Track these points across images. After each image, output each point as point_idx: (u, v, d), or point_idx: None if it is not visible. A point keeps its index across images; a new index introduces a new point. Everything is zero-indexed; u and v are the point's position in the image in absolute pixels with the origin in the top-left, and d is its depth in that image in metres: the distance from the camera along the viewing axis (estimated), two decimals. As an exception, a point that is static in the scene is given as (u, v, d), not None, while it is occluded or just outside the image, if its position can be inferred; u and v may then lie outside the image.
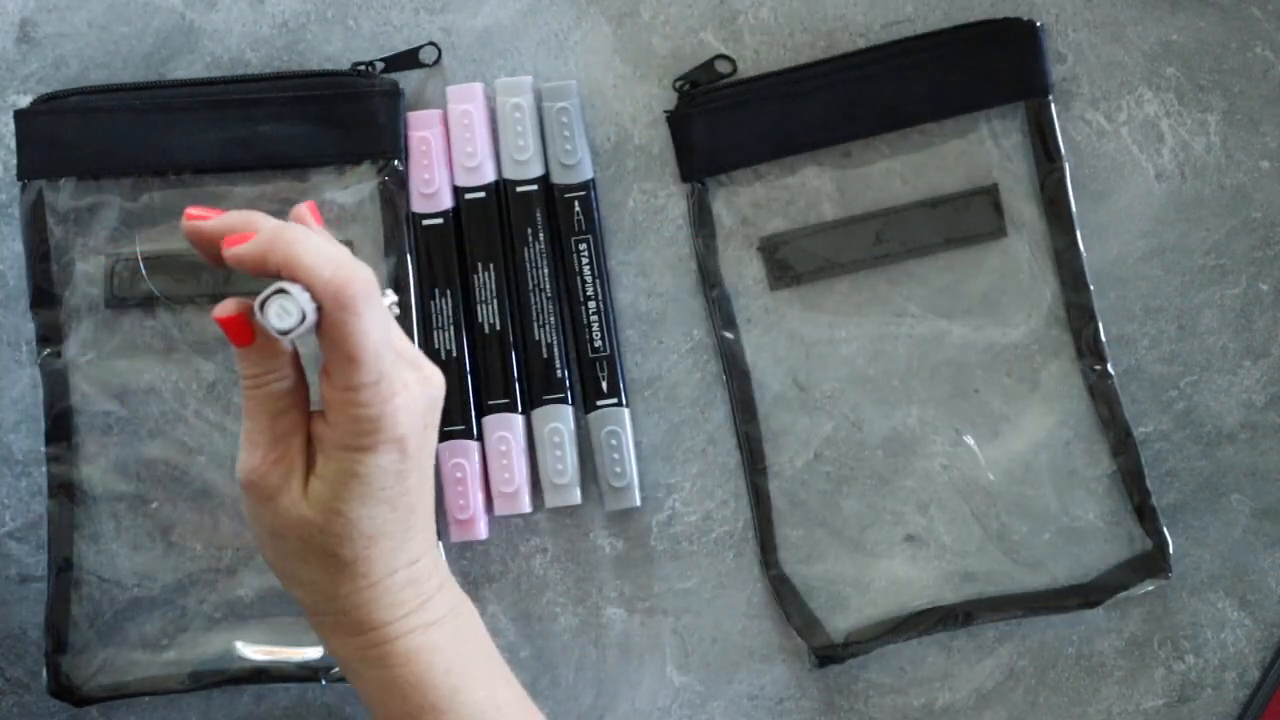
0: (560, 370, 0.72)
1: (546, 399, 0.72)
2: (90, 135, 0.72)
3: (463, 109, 0.72)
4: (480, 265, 0.72)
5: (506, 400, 0.72)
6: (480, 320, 0.73)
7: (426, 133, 0.72)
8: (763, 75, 0.73)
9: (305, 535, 0.57)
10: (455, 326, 0.72)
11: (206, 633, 0.73)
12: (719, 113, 0.72)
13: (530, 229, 0.72)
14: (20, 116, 0.73)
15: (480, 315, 0.73)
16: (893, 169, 0.73)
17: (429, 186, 0.72)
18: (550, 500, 0.72)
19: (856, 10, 0.73)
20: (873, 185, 0.73)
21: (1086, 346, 0.72)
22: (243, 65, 0.74)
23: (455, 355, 0.72)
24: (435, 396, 0.59)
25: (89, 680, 0.73)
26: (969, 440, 0.73)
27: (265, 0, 0.74)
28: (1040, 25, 0.72)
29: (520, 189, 0.72)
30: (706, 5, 0.74)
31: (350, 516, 0.57)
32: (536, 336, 0.72)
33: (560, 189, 0.73)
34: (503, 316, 0.72)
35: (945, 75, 0.72)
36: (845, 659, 0.72)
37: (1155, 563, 0.71)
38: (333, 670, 0.72)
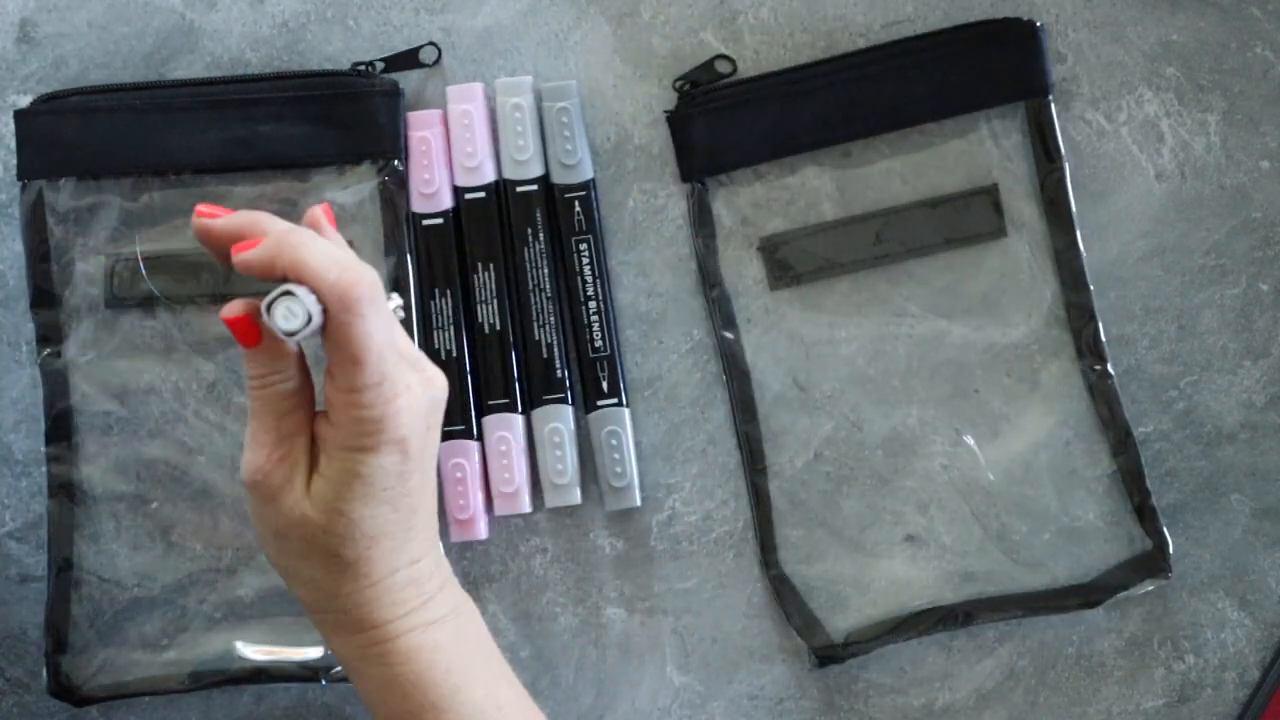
0: (560, 370, 0.72)
1: (546, 399, 0.72)
2: (90, 135, 0.72)
3: (463, 109, 0.72)
4: (480, 265, 0.72)
5: (506, 400, 0.72)
6: (480, 320, 0.73)
7: (426, 133, 0.72)
8: (763, 75, 0.73)
9: (308, 534, 0.58)
10: (455, 326, 0.72)
11: (206, 633, 0.73)
12: (719, 113, 0.72)
13: (530, 229, 0.72)
14: (20, 116, 0.73)
15: (480, 315, 0.73)
16: (893, 169, 0.73)
17: (429, 186, 0.72)
18: (550, 500, 0.72)
19: (856, 10, 0.73)
20: (873, 185, 0.73)
21: (1086, 346, 0.72)
22: (243, 65, 0.74)
23: (455, 355, 0.72)
24: (438, 398, 0.60)
25: (89, 680, 0.73)
26: (969, 440, 0.73)
27: (265, 0, 0.74)
28: (1040, 25, 0.72)
29: (520, 189, 0.72)
30: (706, 5, 0.74)
31: (352, 516, 0.57)
32: (536, 336, 0.72)
33: (560, 189, 0.73)
34: (503, 316, 0.72)
35: (945, 75, 0.72)
36: (845, 659, 0.72)
37: (1155, 563, 0.71)
38: (333, 670, 0.72)
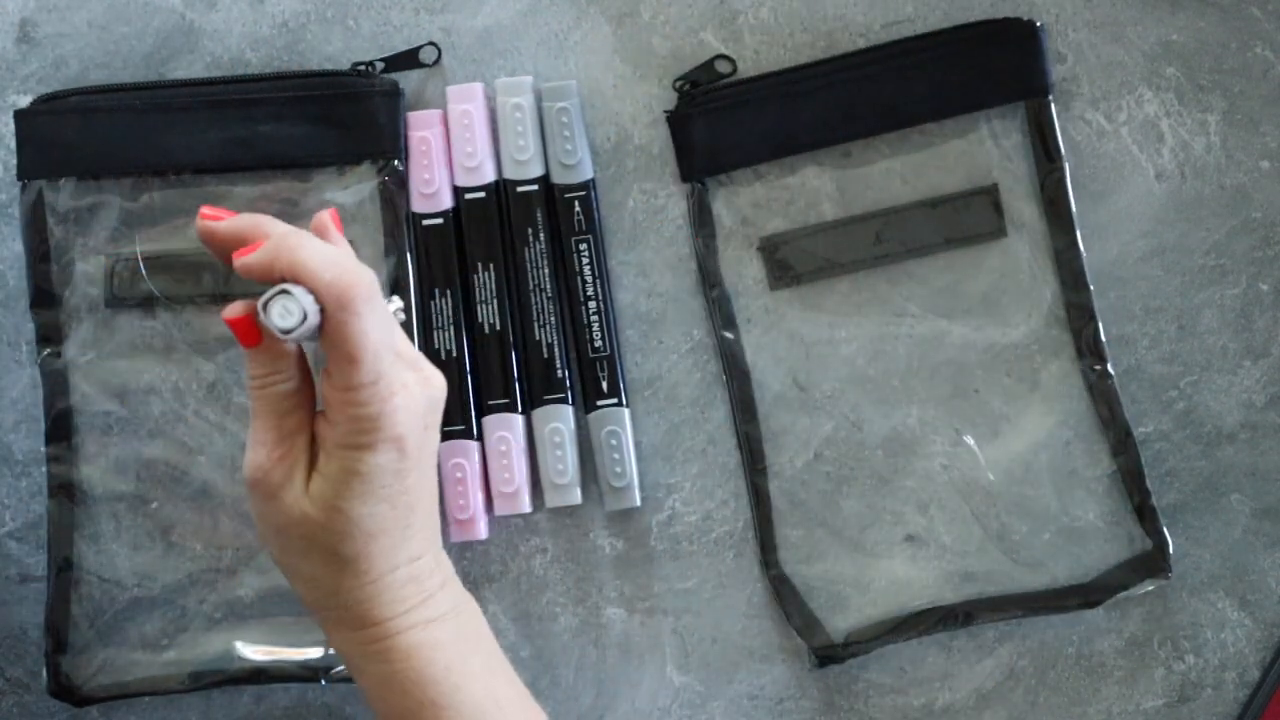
0: (560, 370, 0.72)
1: (547, 399, 0.72)
2: (90, 135, 0.72)
3: (463, 109, 0.72)
4: (480, 265, 0.72)
5: (506, 400, 0.72)
6: (480, 320, 0.73)
7: (426, 133, 0.72)
8: (763, 75, 0.73)
9: (307, 532, 0.58)
10: (455, 326, 0.72)
11: (206, 633, 0.73)
12: (719, 113, 0.72)
13: (530, 229, 0.72)
14: (20, 116, 0.73)
15: (480, 315, 0.73)
16: (893, 169, 0.73)
17: (429, 186, 0.72)
18: (550, 500, 0.72)
19: (856, 10, 0.73)
20: (873, 185, 0.73)
21: (1086, 346, 0.72)
22: (243, 65, 0.74)
23: (455, 355, 0.72)
24: (436, 398, 0.60)
25: (89, 680, 0.73)
26: (969, 440, 0.73)
27: (265, 0, 0.74)
28: (1040, 25, 0.72)
29: (520, 189, 0.72)
30: (706, 5, 0.74)
31: (350, 514, 0.57)
32: (537, 336, 0.72)
33: (560, 189, 0.73)
34: (503, 316, 0.72)
35: (945, 75, 0.72)
36: (845, 659, 0.72)
37: (1155, 563, 0.71)
38: (333, 670, 0.72)
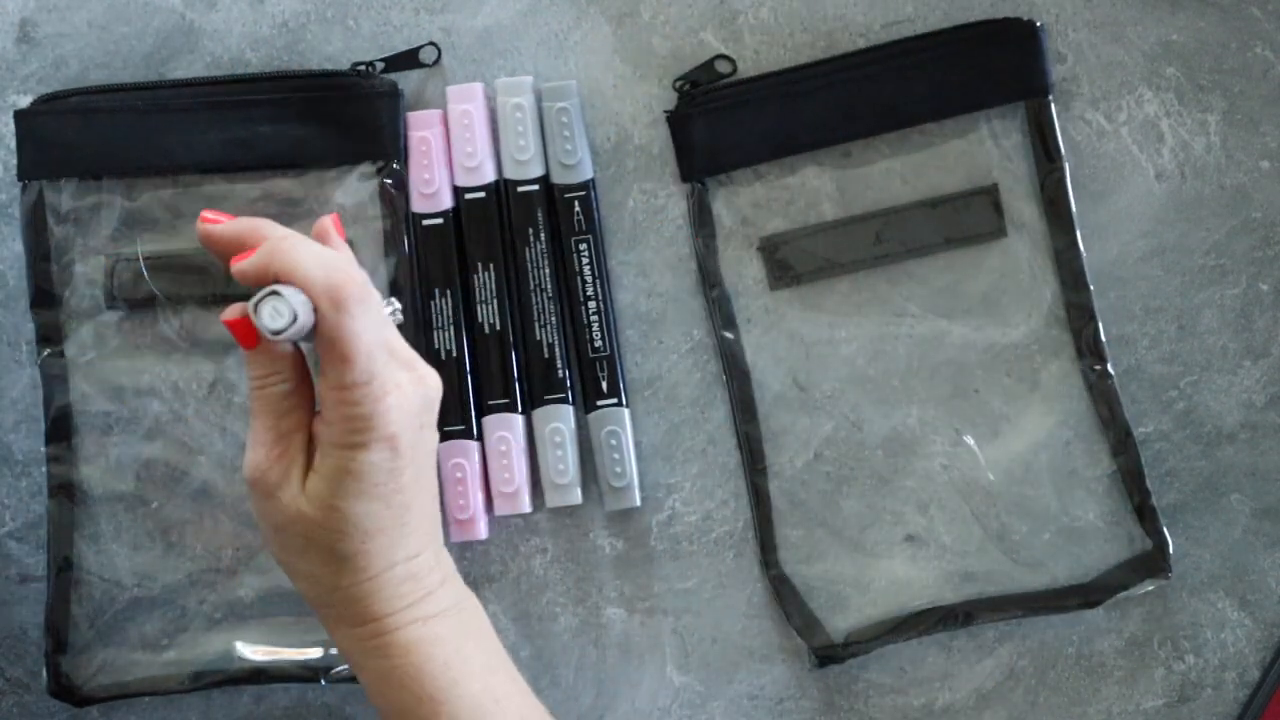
0: (560, 370, 0.72)
1: (547, 399, 0.72)
2: (91, 135, 0.72)
3: (463, 109, 0.72)
4: (480, 265, 0.72)
5: (506, 400, 0.72)
6: (480, 320, 0.73)
7: (426, 133, 0.72)
8: (763, 75, 0.73)
9: (305, 530, 0.59)
10: (455, 326, 0.72)
11: (206, 633, 0.73)
12: (719, 113, 0.72)
13: (530, 229, 0.72)
14: (20, 116, 0.73)
15: (480, 315, 0.73)
16: (893, 169, 0.73)
17: (429, 186, 0.72)
18: (550, 500, 0.72)
19: (856, 10, 0.73)
20: (873, 185, 0.73)
21: (1086, 346, 0.72)
22: (243, 65, 0.74)
23: (455, 355, 0.72)
24: (431, 398, 0.61)
25: (89, 680, 0.73)
26: (969, 440, 0.73)
27: (265, 0, 0.74)
28: (1040, 25, 0.72)
29: (520, 189, 0.72)
30: (706, 5, 0.74)
31: (346, 512, 0.58)
32: (537, 336, 0.72)
33: (560, 189, 0.73)
34: (503, 316, 0.72)
35: (945, 75, 0.72)
36: (845, 659, 0.72)
37: (1155, 563, 0.71)
38: (333, 670, 0.72)
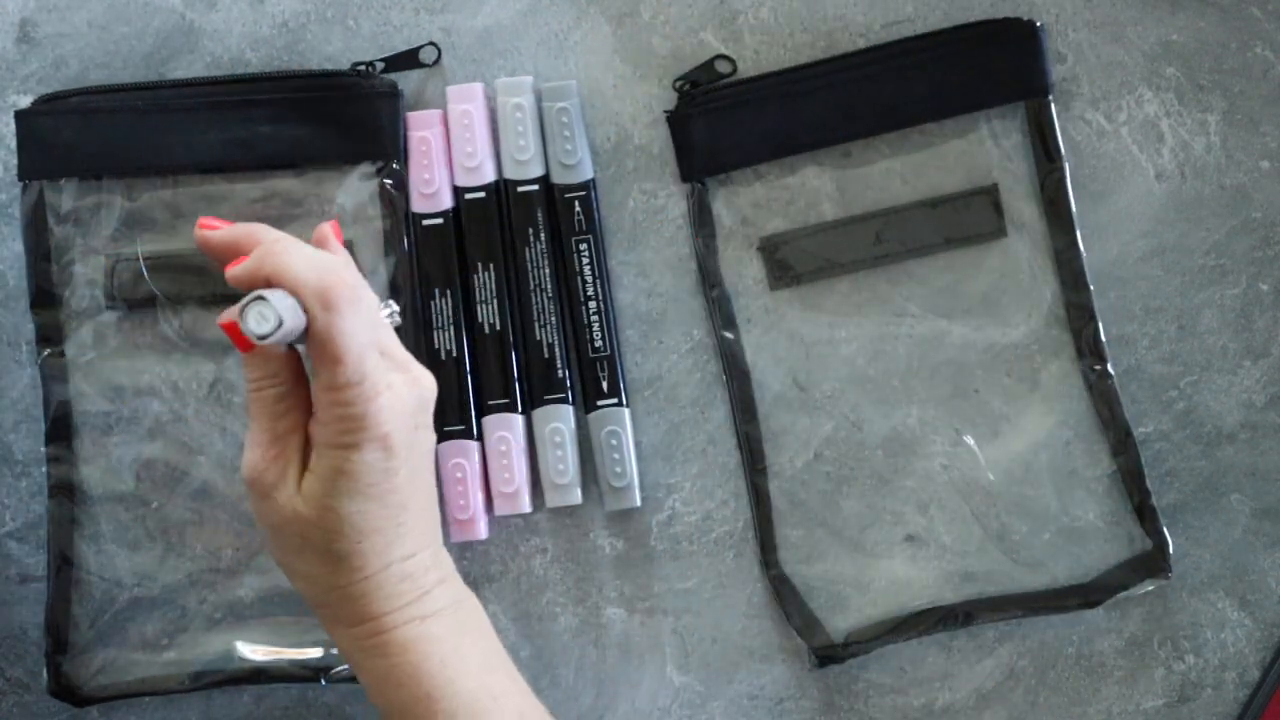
0: (561, 370, 0.72)
1: (547, 399, 0.72)
2: (91, 135, 0.72)
3: (463, 109, 0.72)
4: (480, 265, 0.72)
5: (506, 400, 0.72)
6: (480, 320, 0.73)
7: (426, 133, 0.72)
8: (763, 75, 0.73)
9: (301, 530, 0.59)
10: (455, 326, 0.72)
11: (206, 633, 0.73)
12: (719, 113, 0.72)
13: (531, 229, 0.72)
14: (20, 116, 0.73)
15: (480, 315, 0.73)
16: (893, 169, 0.73)
17: (429, 186, 0.72)
18: (550, 500, 0.72)
19: (856, 10, 0.73)
20: (873, 185, 0.73)
21: (1086, 346, 0.72)
22: (243, 65, 0.74)
23: (455, 355, 0.72)
24: (425, 399, 0.61)
25: (89, 680, 0.73)
26: (969, 440, 0.73)
27: (265, 0, 0.74)
28: (1040, 25, 0.72)
29: (521, 189, 0.72)
30: (706, 5, 0.74)
31: (341, 512, 0.58)
32: (537, 336, 0.72)
33: (560, 189, 0.73)
34: (503, 316, 0.72)
35: (945, 75, 0.72)
36: (845, 659, 0.72)
37: (1155, 563, 0.71)
38: (333, 670, 0.72)
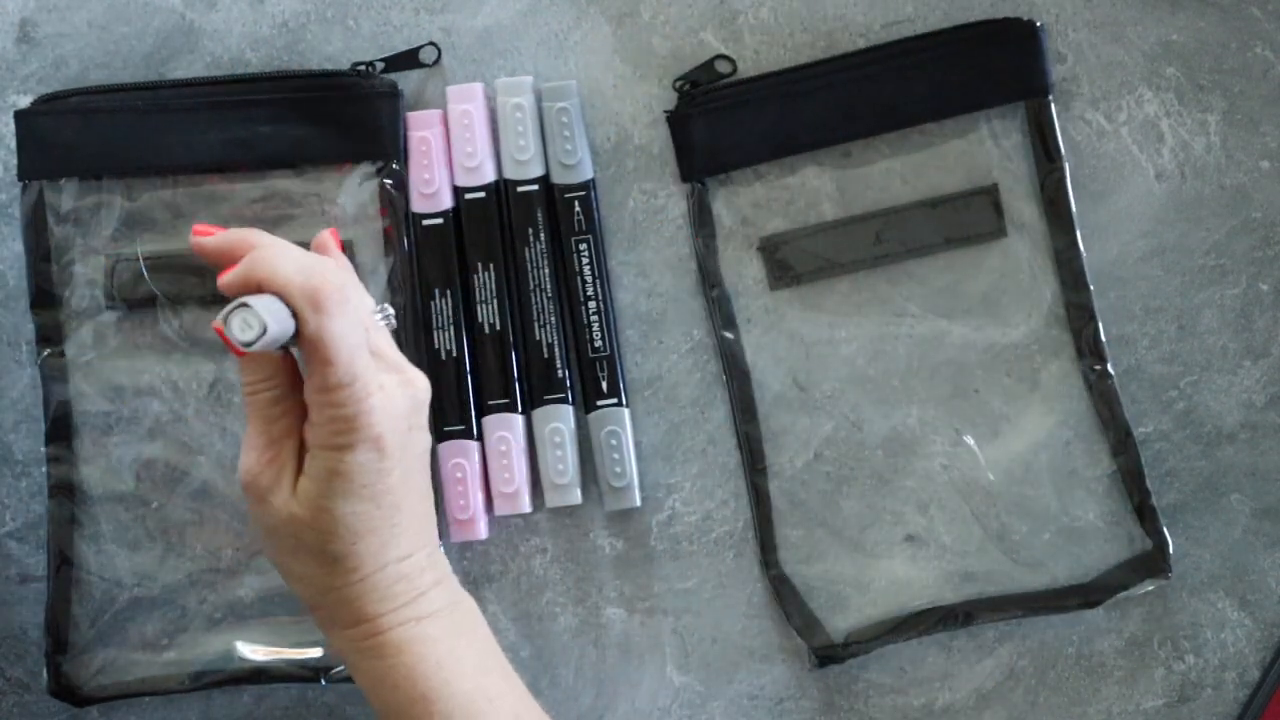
0: (560, 370, 0.72)
1: (547, 399, 0.72)
2: (91, 135, 0.72)
3: (463, 109, 0.72)
4: (480, 265, 0.72)
5: (506, 400, 0.72)
6: (480, 320, 0.73)
7: (426, 133, 0.72)
8: (763, 75, 0.73)
9: (296, 531, 0.59)
10: (455, 326, 0.72)
11: (207, 633, 0.73)
12: (719, 113, 0.72)
13: (530, 229, 0.72)
14: (20, 116, 0.73)
15: (480, 315, 0.73)
16: (893, 169, 0.73)
17: (429, 186, 0.72)
18: (550, 500, 0.72)
19: (856, 10, 0.73)
20: (873, 185, 0.73)
21: (1086, 346, 0.72)
22: (243, 65, 0.74)
23: (455, 355, 0.72)
24: (419, 400, 0.61)
25: (89, 680, 0.73)
26: (969, 440, 0.73)
27: (265, 0, 0.74)
28: (1040, 25, 0.72)
29: (520, 189, 0.72)
30: (706, 5, 0.74)
31: (335, 513, 0.59)
32: (537, 336, 0.72)
33: (560, 189, 0.73)
34: (503, 316, 0.72)
35: (945, 75, 0.72)
36: (845, 659, 0.72)
37: (1155, 563, 0.71)
38: (333, 670, 0.72)
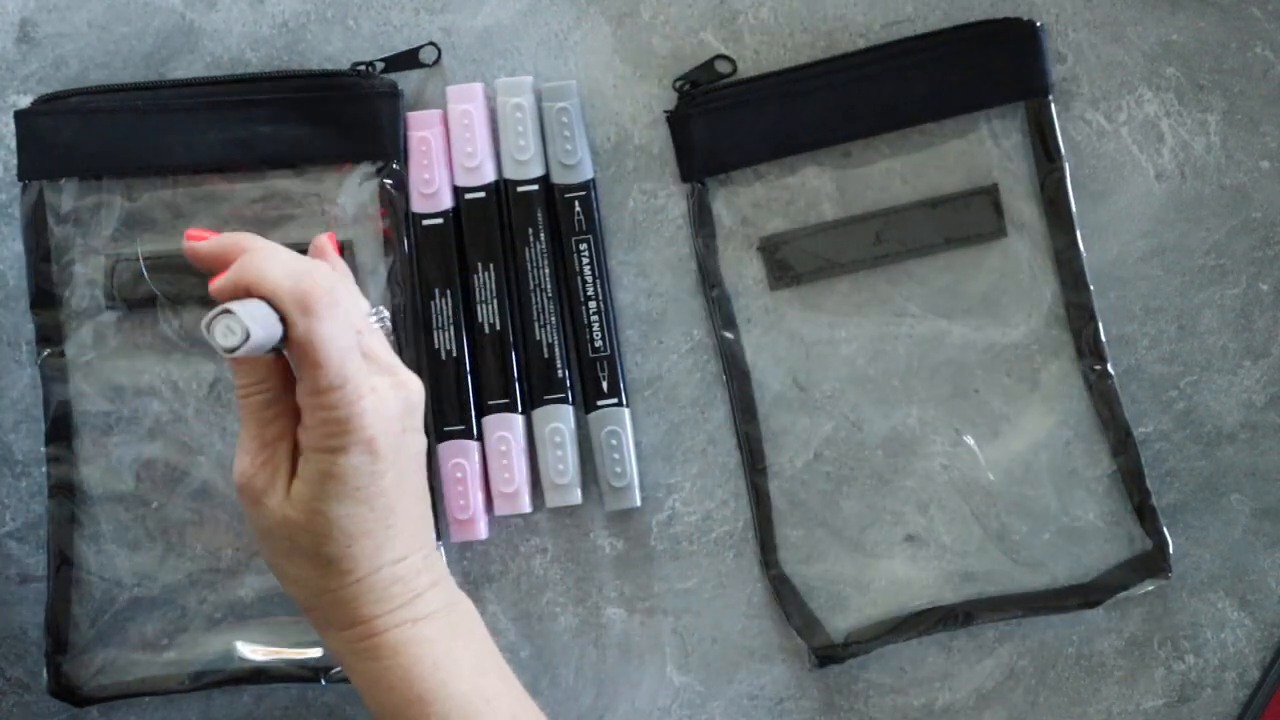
0: (561, 370, 0.72)
1: (547, 399, 0.72)
2: (91, 135, 0.72)
3: (463, 109, 0.72)
4: (480, 265, 0.72)
5: (506, 400, 0.72)
6: (480, 320, 0.73)
7: (426, 133, 0.72)
8: (763, 75, 0.73)
9: (291, 534, 0.59)
10: (455, 326, 0.72)
11: (206, 633, 0.73)
12: (719, 113, 0.72)
13: (530, 229, 0.72)
14: (20, 116, 0.73)
15: (480, 315, 0.73)
16: (893, 169, 0.73)
17: (429, 186, 0.72)
18: (550, 500, 0.72)
19: (856, 10, 0.73)
20: (873, 185, 0.73)
21: (1086, 346, 0.72)
22: (243, 65, 0.74)
23: (455, 355, 0.72)
24: (413, 402, 0.61)
25: (89, 680, 0.73)
26: (969, 440, 0.73)
27: (265, 0, 0.74)
28: (1040, 25, 0.72)
29: (521, 189, 0.72)
30: (706, 5, 0.74)
31: (329, 515, 0.59)
32: (537, 336, 0.72)
33: (560, 189, 0.73)
34: (503, 316, 0.72)
35: (945, 75, 0.72)
36: (845, 659, 0.72)
37: (1155, 563, 0.71)
38: (333, 670, 0.72)
